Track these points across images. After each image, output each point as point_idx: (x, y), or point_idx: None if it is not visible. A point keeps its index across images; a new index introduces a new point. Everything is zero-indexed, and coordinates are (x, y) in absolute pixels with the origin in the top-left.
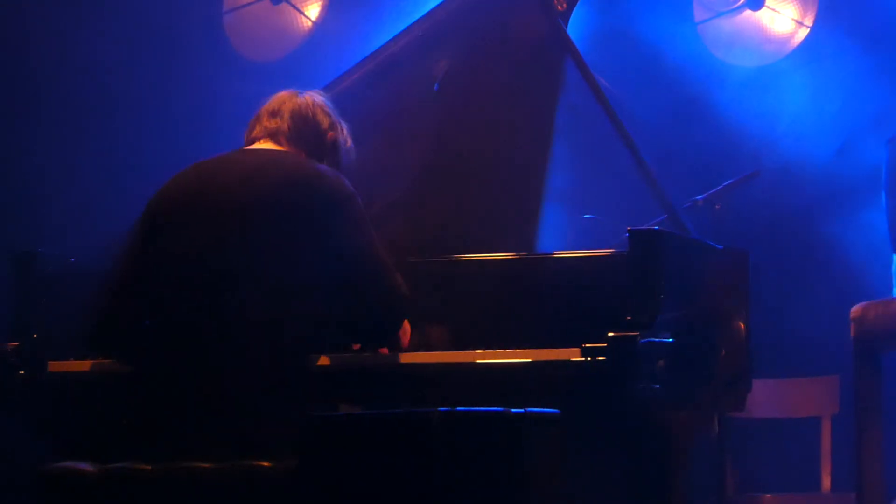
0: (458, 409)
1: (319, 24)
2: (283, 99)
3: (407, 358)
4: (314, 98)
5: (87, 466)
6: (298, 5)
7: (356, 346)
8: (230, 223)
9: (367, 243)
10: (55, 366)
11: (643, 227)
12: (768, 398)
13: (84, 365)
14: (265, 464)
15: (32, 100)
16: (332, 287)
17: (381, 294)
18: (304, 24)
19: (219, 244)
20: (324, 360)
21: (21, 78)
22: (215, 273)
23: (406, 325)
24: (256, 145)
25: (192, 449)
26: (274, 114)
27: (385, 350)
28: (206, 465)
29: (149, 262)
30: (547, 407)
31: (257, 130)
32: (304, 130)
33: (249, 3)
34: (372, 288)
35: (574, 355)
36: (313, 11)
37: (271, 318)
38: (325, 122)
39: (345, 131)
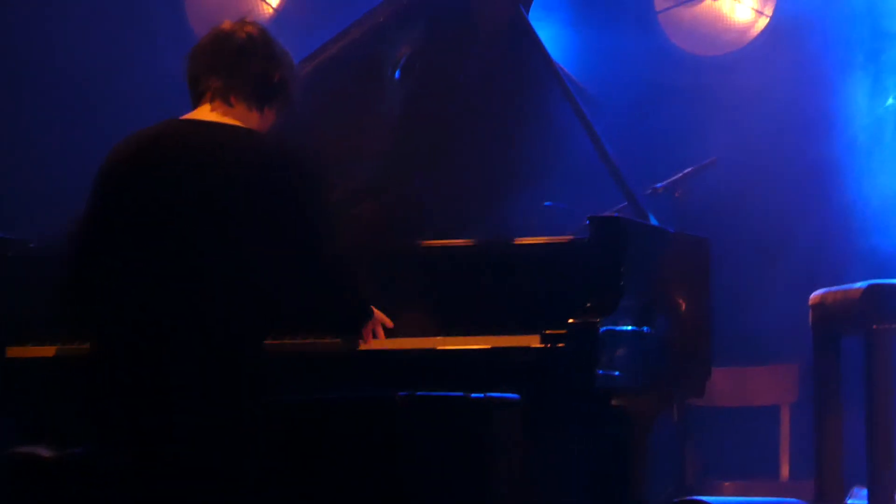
0: (419, 393)
1: (280, 11)
2: (223, 42)
3: (367, 344)
4: (253, 32)
5: (45, 451)
6: None
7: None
8: (184, 204)
9: (322, 232)
10: (13, 351)
11: (604, 215)
12: (728, 386)
13: (43, 350)
14: (227, 451)
15: None
16: (284, 275)
17: (338, 277)
18: (265, 11)
19: (171, 227)
20: (281, 346)
21: None
22: (168, 255)
23: (376, 314)
24: (205, 111)
25: (151, 434)
26: (217, 65)
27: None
28: (165, 450)
29: (101, 244)
30: (508, 393)
31: (202, 86)
32: (249, 80)
33: None
34: (325, 280)
35: (534, 342)
36: None
37: (224, 303)
38: (269, 62)
39: (287, 60)
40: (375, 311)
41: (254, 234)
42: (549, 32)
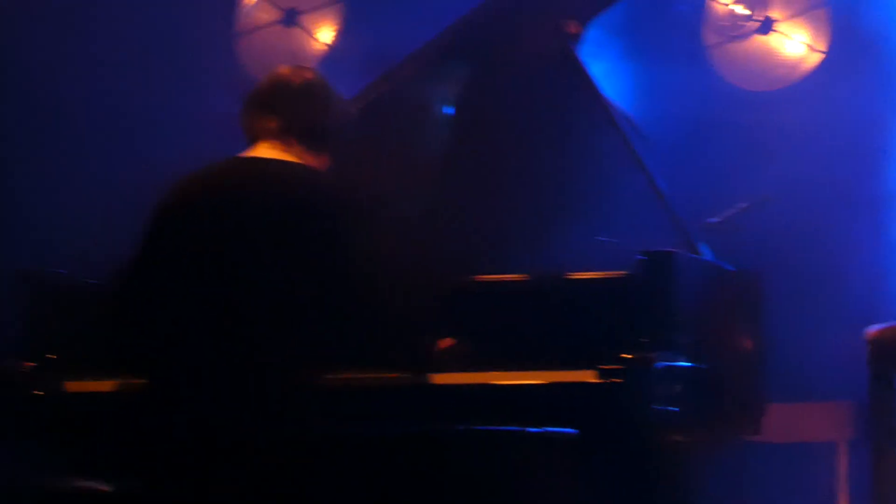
0: (475, 427)
1: (332, 47)
2: (280, 86)
3: (422, 379)
4: (310, 77)
5: (103, 485)
6: (311, 28)
7: None
8: (232, 240)
9: (377, 261)
10: (72, 386)
11: (657, 249)
12: (783, 422)
13: (99, 385)
14: (278, 484)
15: (29, 109)
16: (340, 305)
17: (388, 324)
18: (317, 47)
19: (222, 259)
20: (336, 380)
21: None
22: (217, 288)
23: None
24: (260, 149)
25: (202, 469)
26: (273, 106)
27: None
28: (217, 485)
29: (151, 278)
30: (564, 428)
31: (258, 125)
32: (306, 123)
33: (262, 27)
34: (383, 307)
35: (591, 377)
36: (326, 34)
37: (275, 339)
38: (325, 106)
39: (344, 104)
40: (448, 342)
41: (311, 271)
42: (600, 67)
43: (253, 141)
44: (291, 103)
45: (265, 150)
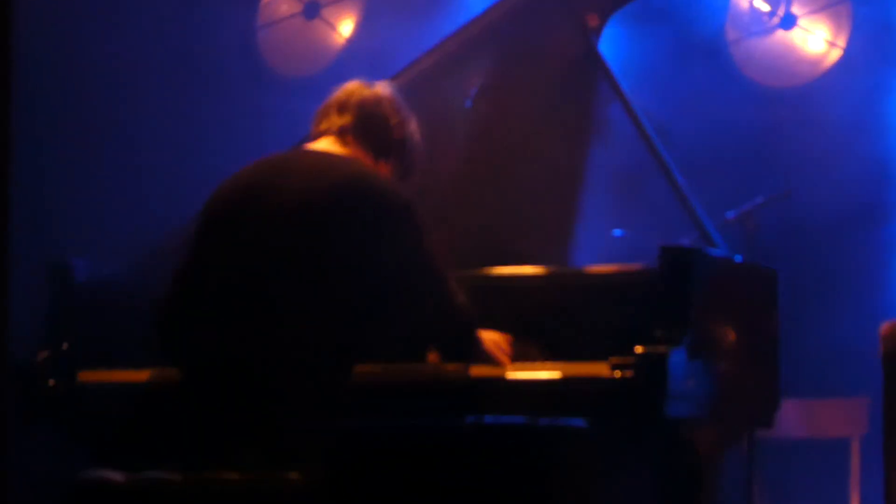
0: (487, 419)
1: (352, 40)
2: (352, 91)
3: (433, 371)
4: (383, 92)
5: (116, 475)
6: (332, 21)
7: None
8: (280, 229)
9: (423, 254)
10: (85, 375)
11: (674, 244)
12: (797, 418)
13: (114, 375)
14: (293, 475)
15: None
16: (385, 299)
17: (439, 307)
18: (338, 40)
19: (267, 251)
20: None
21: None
22: (262, 279)
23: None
24: (321, 142)
25: (222, 459)
26: (342, 108)
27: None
28: (236, 475)
29: (198, 266)
30: (575, 421)
31: (324, 125)
32: (370, 127)
33: (283, 19)
34: (429, 301)
35: (603, 371)
36: (346, 27)
37: (317, 329)
38: (393, 119)
39: (413, 127)
40: (493, 334)
41: (349, 262)
42: (620, 63)
43: (315, 139)
44: (357, 105)
45: (322, 145)
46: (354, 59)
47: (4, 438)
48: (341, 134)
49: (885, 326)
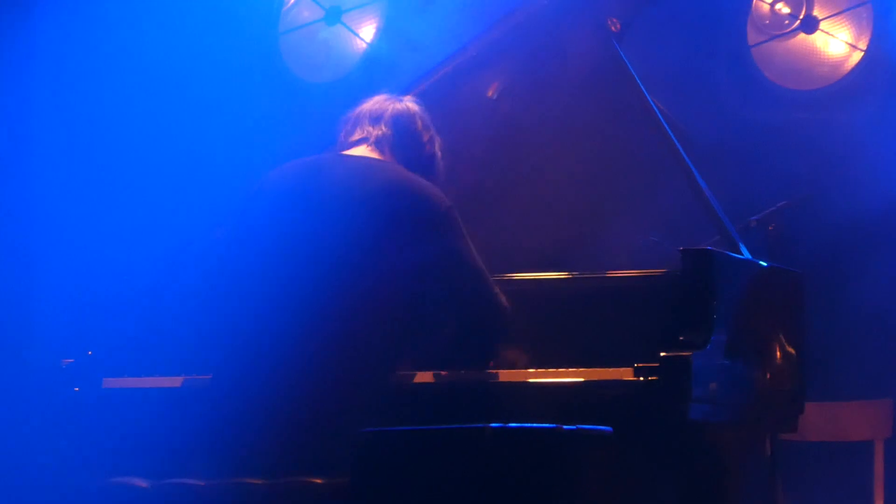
0: (511, 425)
1: (373, 45)
2: (385, 104)
3: (458, 376)
4: (415, 108)
5: (140, 481)
6: (353, 27)
7: None
8: (326, 230)
9: (468, 256)
10: (110, 382)
11: (696, 247)
12: (821, 421)
13: (139, 381)
14: (317, 480)
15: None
16: (431, 301)
17: (484, 307)
18: (359, 45)
19: (317, 253)
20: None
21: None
22: (304, 282)
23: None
24: (356, 150)
25: (246, 464)
26: (376, 119)
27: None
28: (259, 481)
29: (237, 268)
30: (600, 425)
31: (358, 133)
32: (405, 140)
33: (305, 25)
34: (475, 301)
35: (627, 375)
36: (367, 32)
37: (359, 333)
38: (425, 135)
39: (438, 144)
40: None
41: (395, 264)
42: (643, 66)
43: (348, 147)
44: (393, 118)
45: (361, 152)
46: (376, 64)
47: (30, 445)
48: (378, 144)
49: None
